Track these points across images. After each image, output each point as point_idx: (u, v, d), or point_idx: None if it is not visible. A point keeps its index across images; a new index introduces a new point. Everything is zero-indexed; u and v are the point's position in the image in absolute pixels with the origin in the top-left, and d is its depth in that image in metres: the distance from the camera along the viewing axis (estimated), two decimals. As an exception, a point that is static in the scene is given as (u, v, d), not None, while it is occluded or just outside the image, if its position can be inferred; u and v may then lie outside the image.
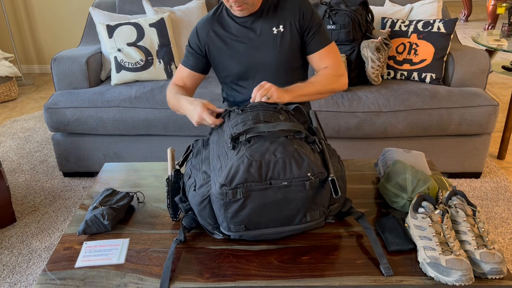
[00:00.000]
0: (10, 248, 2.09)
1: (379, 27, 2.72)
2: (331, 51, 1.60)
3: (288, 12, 1.55)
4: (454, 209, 1.20)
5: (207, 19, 1.61)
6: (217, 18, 1.60)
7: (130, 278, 1.12)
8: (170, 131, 2.45)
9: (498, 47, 2.91)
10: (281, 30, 1.55)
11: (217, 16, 1.60)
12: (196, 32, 1.61)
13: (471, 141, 2.46)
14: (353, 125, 2.36)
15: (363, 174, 1.60)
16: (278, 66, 1.58)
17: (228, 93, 1.74)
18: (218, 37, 1.58)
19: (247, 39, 1.56)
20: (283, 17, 1.55)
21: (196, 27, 1.62)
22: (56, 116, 2.44)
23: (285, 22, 1.55)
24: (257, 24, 1.56)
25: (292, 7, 1.55)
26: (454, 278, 1.05)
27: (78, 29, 4.45)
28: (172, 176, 1.33)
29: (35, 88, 4.26)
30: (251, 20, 1.55)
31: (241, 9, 1.47)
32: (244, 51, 1.57)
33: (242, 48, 1.57)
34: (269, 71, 1.59)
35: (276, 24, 1.55)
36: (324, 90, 1.55)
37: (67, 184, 2.62)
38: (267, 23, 1.55)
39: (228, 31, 1.58)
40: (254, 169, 1.11)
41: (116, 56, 2.60)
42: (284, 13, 1.55)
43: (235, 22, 1.57)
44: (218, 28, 1.59)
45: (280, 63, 1.58)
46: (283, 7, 1.56)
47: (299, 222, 1.19)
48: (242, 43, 1.56)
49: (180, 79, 1.66)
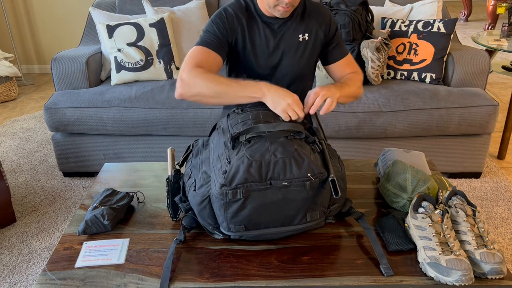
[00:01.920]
0: (10, 248, 2.09)
1: (379, 27, 2.72)
2: (351, 60, 1.62)
3: (315, 21, 1.53)
4: (454, 209, 1.20)
5: (240, 9, 1.49)
6: (247, 12, 1.50)
7: (130, 278, 1.12)
8: (170, 131, 2.45)
9: (498, 47, 2.91)
10: (306, 38, 1.53)
11: (248, 10, 1.50)
12: (227, 17, 1.46)
13: (471, 141, 2.46)
14: (353, 125, 2.36)
15: (363, 174, 1.60)
16: (296, 73, 1.57)
17: None
18: (245, 33, 1.49)
19: (271, 41, 1.51)
20: (310, 26, 1.53)
21: (226, 12, 1.47)
22: (56, 116, 2.44)
23: (311, 31, 1.53)
24: (284, 28, 1.51)
25: (320, 18, 1.53)
26: (454, 278, 1.05)
27: (78, 29, 4.45)
28: (172, 176, 1.33)
29: (35, 88, 4.26)
30: (279, 23, 1.51)
31: (286, 10, 1.41)
32: (266, 54, 1.52)
33: (265, 50, 1.52)
34: (287, 77, 1.57)
35: (303, 32, 1.52)
36: (356, 93, 1.51)
37: (67, 184, 2.62)
38: (293, 29, 1.52)
39: (254, 29, 1.50)
40: (254, 169, 1.11)
41: (116, 56, 2.60)
42: (311, 22, 1.53)
43: (264, 22, 1.50)
44: (247, 23, 1.49)
45: (299, 70, 1.56)
46: (311, 16, 1.53)
47: (299, 222, 1.19)
48: (266, 45, 1.51)
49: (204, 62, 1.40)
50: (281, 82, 1.56)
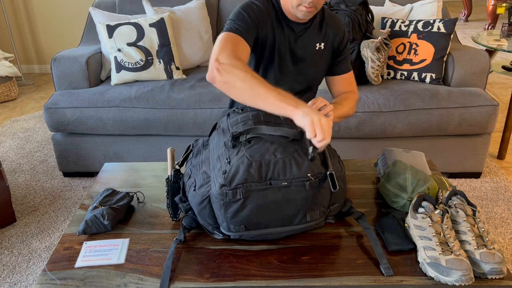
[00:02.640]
0: (10, 248, 2.09)
1: (379, 27, 2.72)
2: (353, 78, 1.63)
3: (332, 32, 1.54)
4: (454, 209, 1.20)
5: (269, 6, 1.44)
6: (274, 11, 1.46)
7: (130, 278, 1.12)
8: (170, 131, 2.45)
9: (498, 47, 2.91)
10: (322, 47, 1.53)
11: (275, 9, 1.46)
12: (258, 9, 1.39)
13: (471, 141, 2.46)
14: (353, 125, 2.36)
15: (363, 174, 1.60)
16: (308, 81, 1.58)
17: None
18: (274, 30, 1.46)
19: (292, 45, 1.50)
20: (327, 35, 1.53)
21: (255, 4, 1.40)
22: (56, 116, 2.44)
23: (328, 40, 1.54)
24: (305, 35, 1.50)
25: (336, 28, 1.54)
26: (454, 278, 1.05)
27: (78, 29, 4.45)
28: (172, 176, 1.33)
29: (35, 88, 4.26)
30: (300, 29, 1.49)
31: (310, 11, 1.37)
32: (284, 57, 1.50)
33: (285, 52, 1.50)
34: (300, 84, 1.57)
35: (320, 41, 1.53)
36: (347, 114, 1.53)
37: (67, 184, 2.62)
38: (313, 37, 1.52)
39: (279, 32, 1.47)
40: (254, 169, 1.11)
41: (116, 56, 2.60)
42: (328, 32, 1.53)
43: (286, 25, 1.47)
44: (273, 22, 1.45)
45: (312, 78, 1.58)
46: (328, 25, 1.53)
47: (299, 222, 1.19)
48: (288, 47, 1.50)
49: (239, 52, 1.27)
50: (295, 87, 1.56)
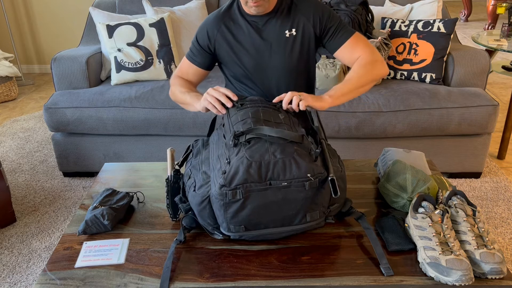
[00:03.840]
0: (10, 248, 2.09)
1: (379, 27, 2.72)
2: (358, 40, 1.52)
3: (303, 16, 1.51)
4: (454, 209, 1.20)
5: (218, 16, 1.55)
6: (229, 15, 1.54)
7: (130, 278, 1.12)
8: (170, 131, 2.45)
9: (498, 47, 2.91)
10: (293, 33, 1.51)
11: (229, 13, 1.54)
12: (206, 28, 1.55)
13: (471, 141, 2.46)
14: (353, 125, 2.36)
15: (363, 174, 1.60)
16: (285, 70, 1.56)
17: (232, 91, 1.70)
18: (228, 35, 1.53)
19: (257, 40, 1.52)
20: (297, 21, 1.51)
21: (206, 23, 1.56)
22: (56, 116, 2.44)
23: (299, 26, 1.51)
24: (270, 25, 1.51)
25: (307, 11, 1.51)
26: (454, 278, 1.05)
27: (78, 29, 4.45)
28: (171, 176, 1.33)
29: (35, 88, 4.26)
30: (263, 21, 1.51)
31: (257, 5, 1.41)
32: (254, 52, 1.53)
33: (251, 49, 1.53)
34: (276, 74, 1.57)
35: (289, 27, 1.51)
36: (364, 81, 1.44)
37: (67, 184, 2.62)
38: (279, 25, 1.51)
39: (239, 30, 1.53)
40: (254, 169, 1.11)
41: (116, 56, 2.60)
42: (299, 17, 1.51)
43: (247, 21, 1.52)
44: (229, 25, 1.53)
45: (288, 66, 1.55)
46: (298, 10, 1.51)
47: (299, 223, 1.19)
48: (252, 44, 1.52)
49: (185, 74, 1.64)
50: (271, 79, 1.58)
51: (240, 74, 1.59)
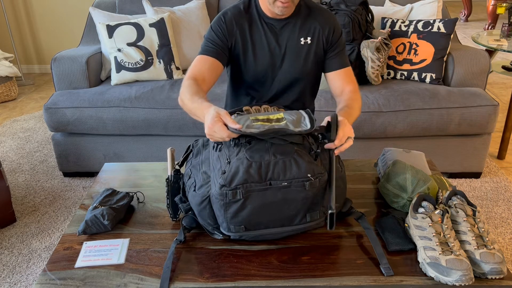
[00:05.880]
0: (10, 248, 2.09)
1: (379, 27, 2.72)
2: (352, 74, 1.56)
3: (319, 25, 1.51)
4: (454, 209, 1.20)
5: (239, 12, 1.49)
6: (249, 14, 1.50)
7: (130, 278, 1.12)
8: (170, 131, 2.45)
9: (498, 47, 2.91)
10: (308, 42, 1.51)
11: (249, 11, 1.50)
12: (225, 22, 1.48)
13: (471, 141, 2.46)
14: (353, 125, 2.36)
15: (363, 174, 1.60)
16: (296, 77, 1.56)
17: (236, 95, 1.66)
18: (246, 33, 1.50)
19: (273, 43, 1.50)
20: (313, 29, 1.51)
21: (225, 18, 1.49)
22: (56, 116, 2.44)
23: (314, 35, 1.51)
24: (286, 30, 1.50)
25: (324, 22, 1.51)
26: (454, 278, 1.05)
27: (78, 29, 4.45)
28: (171, 176, 1.33)
29: (35, 88, 4.26)
30: (281, 25, 1.50)
31: (286, 6, 1.38)
32: (267, 55, 1.51)
33: (265, 51, 1.51)
34: (285, 79, 1.56)
35: (305, 35, 1.51)
36: (357, 116, 1.45)
37: (67, 184, 2.62)
38: (296, 31, 1.50)
39: (256, 31, 1.50)
40: (254, 169, 1.11)
41: (116, 56, 2.60)
42: (315, 26, 1.51)
43: (265, 23, 1.50)
44: (249, 23, 1.50)
45: (300, 74, 1.55)
46: (315, 19, 1.51)
47: (299, 223, 1.19)
48: (267, 46, 1.51)
49: (199, 72, 1.43)
50: (279, 84, 1.57)
51: (248, 75, 1.56)
